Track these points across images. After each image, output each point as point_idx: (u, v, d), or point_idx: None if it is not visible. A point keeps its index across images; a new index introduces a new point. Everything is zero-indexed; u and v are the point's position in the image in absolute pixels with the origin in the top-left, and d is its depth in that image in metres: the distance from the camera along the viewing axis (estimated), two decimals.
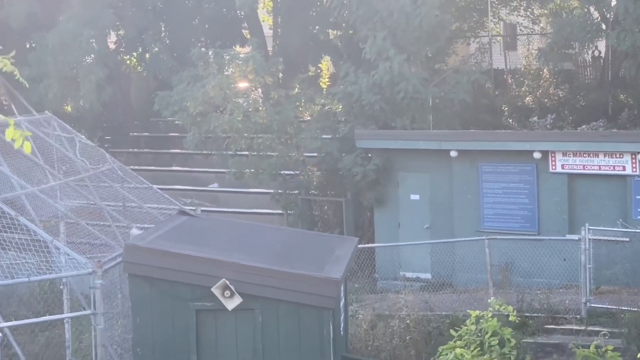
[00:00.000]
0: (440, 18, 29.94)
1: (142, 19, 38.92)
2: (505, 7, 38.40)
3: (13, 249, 19.86)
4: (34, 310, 21.64)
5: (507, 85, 37.67)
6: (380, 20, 29.80)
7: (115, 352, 18.60)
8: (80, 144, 25.37)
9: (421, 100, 29.49)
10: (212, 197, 33.83)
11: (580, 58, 37.06)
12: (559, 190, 26.03)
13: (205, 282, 15.17)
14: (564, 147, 26.08)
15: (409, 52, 30.06)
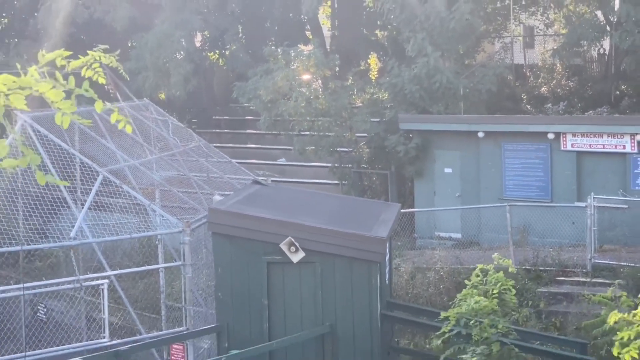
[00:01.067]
0: (470, 21, 29.86)
1: (223, 22, 39.02)
2: (525, 12, 38.07)
3: (118, 211, 20.05)
4: (134, 261, 21.87)
5: (526, 78, 37.39)
6: (420, 23, 29.72)
7: (200, 296, 18.77)
8: (172, 125, 25.52)
9: (453, 89, 29.41)
10: (280, 170, 33.88)
11: (588, 55, 36.73)
12: (569, 165, 25.89)
13: (275, 240, 15.26)
14: (574, 129, 25.97)
15: (443, 49, 30.00)
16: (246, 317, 15.49)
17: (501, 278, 14.48)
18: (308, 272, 15.28)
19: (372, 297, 15.18)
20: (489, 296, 14.17)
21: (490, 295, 14.18)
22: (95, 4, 37.16)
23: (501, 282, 14.38)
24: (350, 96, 31.73)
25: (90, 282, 18.14)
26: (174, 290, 19.95)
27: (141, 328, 18.78)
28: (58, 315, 20.45)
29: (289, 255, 15.18)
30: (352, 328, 15.15)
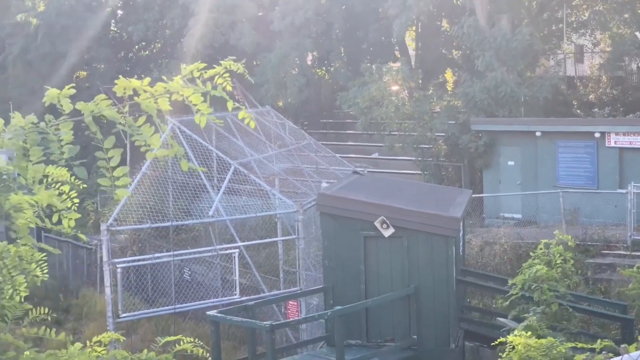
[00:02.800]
0: (530, 41, 29.34)
1: (329, 44, 39.13)
2: (576, 33, 37.14)
3: (245, 195, 20.27)
4: (258, 235, 22.10)
5: (576, 87, 36.45)
6: (488, 44, 29.30)
7: (310, 263, 18.87)
8: (288, 127, 25.70)
9: (516, 97, 28.93)
10: (374, 162, 33.79)
11: (629, 68, 35.64)
12: (612, 159, 25.20)
13: (370, 218, 15.23)
14: (616, 129, 25.29)
15: (507, 65, 29.53)
16: (347, 280, 15.51)
17: (561, 250, 14.24)
18: (396, 245, 15.22)
19: (449, 265, 15.05)
20: (553, 265, 13.95)
21: (554, 264, 13.96)
22: (229, 32, 37.60)
23: (561, 254, 14.13)
24: (430, 103, 31.47)
25: (224, 251, 18.43)
26: (290, 258, 20.10)
27: (264, 287, 18.98)
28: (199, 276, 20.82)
29: (382, 231, 15.14)
30: (433, 290, 15.04)
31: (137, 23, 40.01)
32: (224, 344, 16.75)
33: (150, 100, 4.41)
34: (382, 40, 40.18)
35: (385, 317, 15.33)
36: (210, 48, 37.28)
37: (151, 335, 20.51)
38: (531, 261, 14.28)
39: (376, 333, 15.38)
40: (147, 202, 17.98)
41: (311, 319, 16.20)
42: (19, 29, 39.77)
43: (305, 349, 16.40)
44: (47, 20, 39.09)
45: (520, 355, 10.35)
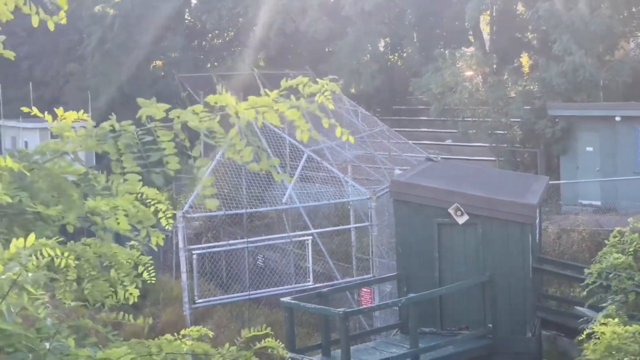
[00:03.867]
0: (609, 24, 28.57)
1: (401, 30, 38.85)
2: None
3: (318, 182, 20.33)
4: (331, 222, 22.16)
5: None
6: (565, 27, 28.65)
7: (383, 250, 18.83)
8: (361, 113, 25.67)
9: (594, 81, 28.24)
10: (447, 149, 33.48)
11: None
12: None
13: (444, 205, 15.12)
14: None
15: (586, 48, 28.83)
16: (420, 267, 15.45)
17: (636, 238, 13.87)
18: (471, 232, 15.07)
19: (525, 252, 14.84)
20: (626, 253, 13.62)
21: (627, 252, 13.63)
22: (300, 19, 37.68)
23: (636, 242, 13.76)
24: (505, 88, 30.99)
25: (298, 238, 18.52)
26: (362, 245, 20.10)
27: (337, 274, 19.03)
28: (273, 263, 21.00)
29: (456, 218, 15.01)
30: (508, 278, 14.86)
31: (211, 12, 40.42)
32: (298, 331, 16.85)
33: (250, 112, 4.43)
34: (456, 25, 39.70)
35: (460, 304, 15.22)
36: (281, 36, 37.44)
37: (226, 321, 20.82)
38: (607, 249, 13.96)
39: (450, 321, 15.28)
40: (222, 190, 18.18)
41: (385, 306, 16.19)
42: (96, 20, 40.63)
43: (378, 336, 16.40)
44: (123, 10, 39.83)
45: (607, 343, 10.18)
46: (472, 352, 14.71)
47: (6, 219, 4.73)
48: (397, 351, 14.10)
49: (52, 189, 4.91)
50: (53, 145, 4.94)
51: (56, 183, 4.92)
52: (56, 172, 4.95)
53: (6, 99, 42.87)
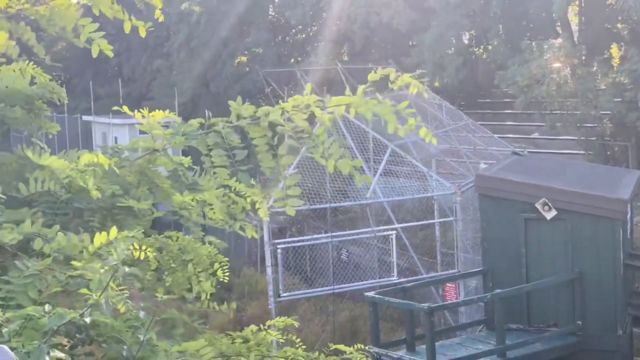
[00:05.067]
0: None
1: (486, 22, 38.31)
2: None
3: (402, 176, 20.26)
4: (415, 216, 22.03)
5: None
6: None
7: (468, 245, 18.64)
8: (445, 107, 25.45)
9: None
10: (533, 143, 32.90)
11: None
12: None
13: (531, 200, 14.87)
14: None
15: None
16: (506, 262, 15.23)
17: None
18: (559, 228, 14.77)
19: (616, 248, 14.46)
20: None
21: None
22: (384, 11, 37.54)
23: None
24: (594, 80, 30.24)
25: (382, 232, 18.51)
26: (447, 239, 19.94)
27: (422, 269, 18.94)
28: (356, 257, 21.01)
29: (543, 213, 14.74)
30: (598, 274, 14.51)
31: (295, 7, 40.66)
32: (382, 325, 16.84)
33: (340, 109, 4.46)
34: (543, 16, 38.93)
35: (548, 301, 14.94)
36: (365, 29, 37.40)
37: (310, 315, 20.96)
38: None
39: (538, 318, 15.02)
40: (306, 184, 18.29)
41: (470, 301, 16.03)
42: (183, 17, 41.38)
43: (463, 332, 16.25)
44: (208, 7, 40.45)
45: None
46: (560, 350, 14.43)
47: (99, 214, 4.86)
48: (483, 347, 13.93)
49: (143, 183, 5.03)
50: (143, 143, 5.06)
51: (149, 177, 5.04)
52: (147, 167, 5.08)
53: (97, 95, 44.10)
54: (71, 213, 4.75)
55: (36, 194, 4.61)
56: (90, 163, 4.54)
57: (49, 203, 4.60)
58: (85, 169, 4.49)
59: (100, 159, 4.40)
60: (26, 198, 4.59)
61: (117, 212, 4.81)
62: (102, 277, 3.06)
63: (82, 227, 4.73)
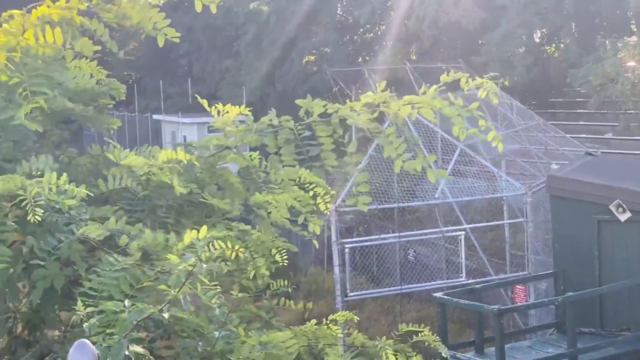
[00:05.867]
0: None
1: (559, 20, 37.72)
2: None
3: (470, 176, 20.09)
4: (484, 217, 21.81)
5: None
6: None
7: (539, 247, 18.40)
8: (516, 107, 25.16)
9: None
10: (607, 143, 32.25)
11: None
12: None
13: (604, 201, 14.58)
14: None
15: None
16: (578, 265, 14.97)
17: None
18: (634, 230, 14.44)
19: None
20: None
21: None
22: (453, 9, 37.26)
23: None
24: None
25: (450, 233, 18.39)
26: (517, 241, 19.68)
27: (490, 271, 18.76)
28: (424, 258, 20.90)
29: (617, 215, 14.43)
30: None
31: (363, 6, 40.64)
32: (449, 326, 16.72)
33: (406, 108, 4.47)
34: (617, 14, 38.15)
35: (622, 305, 14.63)
36: (434, 28, 37.17)
37: (376, 315, 20.94)
38: None
39: (611, 321, 14.73)
40: (373, 183, 18.27)
41: (541, 304, 15.81)
42: (251, 17, 41.75)
43: (533, 335, 16.04)
44: (277, 7, 40.73)
45: None
46: (633, 355, 14.11)
47: (174, 211, 4.94)
48: (554, 351, 13.74)
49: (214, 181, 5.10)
50: (216, 141, 5.14)
51: (219, 174, 5.11)
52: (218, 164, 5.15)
53: (166, 94, 44.83)
54: (146, 210, 4.84)
55: (113, 191, 4.71)
56: (168, 160, 4.62)
57: (127, 200, 4.69)
58: (163, 166, 4.58)
59: (179, 154, 4.48)
60: (102, 195, 4.70)
61: (192, 209, 4.89)
62: (180, 274, 3.12)
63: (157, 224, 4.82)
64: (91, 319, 3.01)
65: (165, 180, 4.53)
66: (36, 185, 3.80)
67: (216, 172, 5.10)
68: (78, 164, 5.16)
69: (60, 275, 3.80)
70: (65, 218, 4.12)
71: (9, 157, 4.78)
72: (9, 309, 4.30)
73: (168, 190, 4.72)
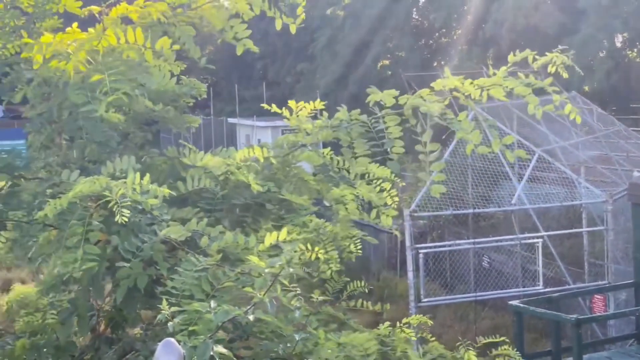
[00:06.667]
0: None
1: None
2: None
3: (548, 183, 19.77)
4: (562, 224, 21.42)
5: None
6: None
7: (619, 256, 18.00)
8: (596, 113, 24.66)
9: None
10: None
11: None
12: None
13: None
14: None
15: None
16: None
17: None
18: None
19: None
20: None
21: None
22: (532, 14, 36.75)
23: None
24: None
25: (527, 240, 18.12)
26: (596, 249, 19.25)
27: (569, 279, 18.39)
28: (498, 265, 20.61)
29: None
30: None
31: (439, 10, 40.42)
32: (525, 336, 16.44)
33: (476, 92, 4.42)
34: None
35: None
36: (512, 32, 36.70)
37: (450, 321, 20.71)
38: None
39: None
40: (448, 189, 18.12)
41: (621, 315, 15.43)
42: (326, 21, 41.93)
43: (612, 345, 15.66)
44: (353, 11, 40.80)
45: None
46: None
47: (252, 210, 4.97)
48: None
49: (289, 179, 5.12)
50: (292, 138, 5.15)
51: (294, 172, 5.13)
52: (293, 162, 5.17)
53: (241, 98, 45.32)
54: (224, 209, 4.89)
55: (192, 192, 4.77)
56: (245, 158, 4.65)
57: (207, 200, 4.74)
58: (241, 165, 4.61)
59: (256, 152, 4.50)
60: (181, 196, 4.75)
61: (270, 208, 4.91)
62: (266, 277, 3.13)
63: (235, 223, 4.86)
64: (175, 318, 3.04)
65: (243, 179, 4.56)
66: (121, 186, 3.87)
67: (291, 169, 5.13)
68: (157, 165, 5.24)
69: (143, 275, 3.86)
70: (147, 219, 4.19)
71: (93, 158, 4.89)
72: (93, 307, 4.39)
73: (245, 189, 4.76)
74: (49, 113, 4.96)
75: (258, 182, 4.53)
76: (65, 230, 3.92)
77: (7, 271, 22.17)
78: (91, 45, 4.41)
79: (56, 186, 4.46)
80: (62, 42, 4.30)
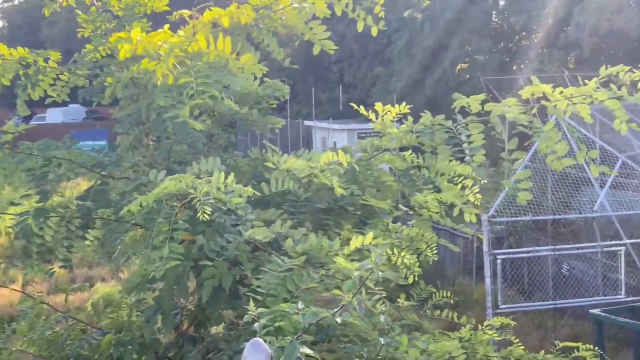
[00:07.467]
0: None
1: None
2: None
3: (631, 190, 19.30)
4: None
5: None
6: None
7: None
8: None
9: None
10: None
11: None
12: None
13: None
14: None
15: None
16: None
17: None
18: None
19: None
20: None
21: None
22: (616, 17, 35.88)
23: None
24: None
25: (608, 247, 17.72)
26: None
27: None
28: (578, 273, 20.21)
29: None
30: None
31: (519, 13, 39.83)
32: (606, 345, 16.07)
33: (563, 103, 4.33)
34: None
35: None
36: (595, 35, 35.92)
37: (527, 329, 20.37)
38: None
39: None
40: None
41: None
42: (404, 23, 41.78)
43: None
44: (431, 14, 40.56)
45: None
46: None
47: (334, 213, 4.98)
48: None
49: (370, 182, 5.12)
50: (377, 142, 5.14)
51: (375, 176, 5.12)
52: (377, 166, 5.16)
53: (318, 101, 45.49)
54: (307, 212, 4.91)
55: (274, 193, 4.80)
56: (329, 162, 4.66)
57: (290, 202, 4.77)
58: (325, 168, 4.62)
59: (340, 156, 4.51)
60: (263, 197, 4.79)
61: (353, 212, 4.91)
62: (355, 279, 3.13)
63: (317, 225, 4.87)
64: (261, 319, 3.06)
65: (326, 182, 4.58)
66: (205, 184, 3.91)
67: (372, 173, 5.12)
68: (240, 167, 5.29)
69: (228, 275, 3.90)
70: (232, 220, 4.23)
71: (179, 159, 4.97)
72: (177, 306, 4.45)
73: (328, 192, 4.77)
74: (137, 114, 5.06)
75: (341, 185, 4.54)
76: (151, 229, 3.98)
77: (89, 269, 22.73)
78: (181, 48, 4.47)
79: (143, 186, 4.54)
80: (153, 42, 4.36)
